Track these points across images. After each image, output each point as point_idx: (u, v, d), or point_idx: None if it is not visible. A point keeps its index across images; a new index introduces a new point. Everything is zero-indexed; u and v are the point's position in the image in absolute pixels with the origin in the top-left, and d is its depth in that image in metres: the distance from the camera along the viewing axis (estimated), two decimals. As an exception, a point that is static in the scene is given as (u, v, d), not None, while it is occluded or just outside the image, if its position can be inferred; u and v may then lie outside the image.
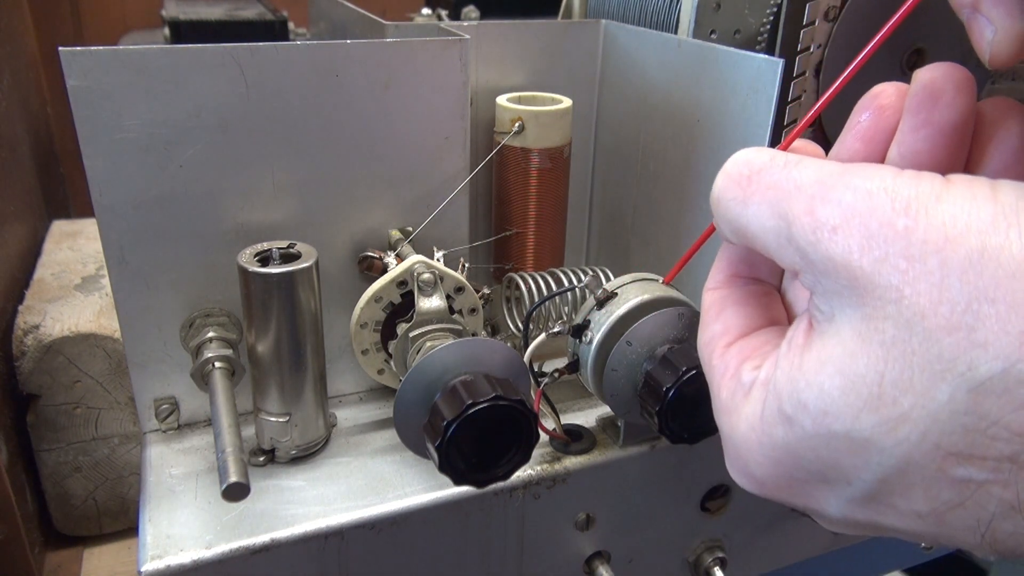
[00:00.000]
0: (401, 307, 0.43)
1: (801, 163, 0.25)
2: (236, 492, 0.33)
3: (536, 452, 0.38)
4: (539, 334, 0.41)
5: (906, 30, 0.41)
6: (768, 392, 0.25)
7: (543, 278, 0.47)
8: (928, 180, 0.22)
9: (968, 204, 0.21)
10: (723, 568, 0.49)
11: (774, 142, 0.40)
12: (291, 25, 0.94)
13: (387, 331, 0.43)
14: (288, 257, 0.39)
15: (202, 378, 0.41)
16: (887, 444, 0.21)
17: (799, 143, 0.29)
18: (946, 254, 0.20)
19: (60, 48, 0.35)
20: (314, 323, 0.40)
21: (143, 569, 0.35)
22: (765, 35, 0.47)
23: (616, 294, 0.40)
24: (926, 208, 0.21)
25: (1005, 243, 0.20)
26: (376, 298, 0.42)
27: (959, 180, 0.22)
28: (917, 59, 0.42)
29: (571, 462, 0.43)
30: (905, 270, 0.21)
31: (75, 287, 0.85)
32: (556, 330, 0.41)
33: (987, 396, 0.20)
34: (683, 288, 0.48)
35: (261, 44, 0.39)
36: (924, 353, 0.20)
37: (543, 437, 0.43)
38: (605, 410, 0.47)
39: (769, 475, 0.25)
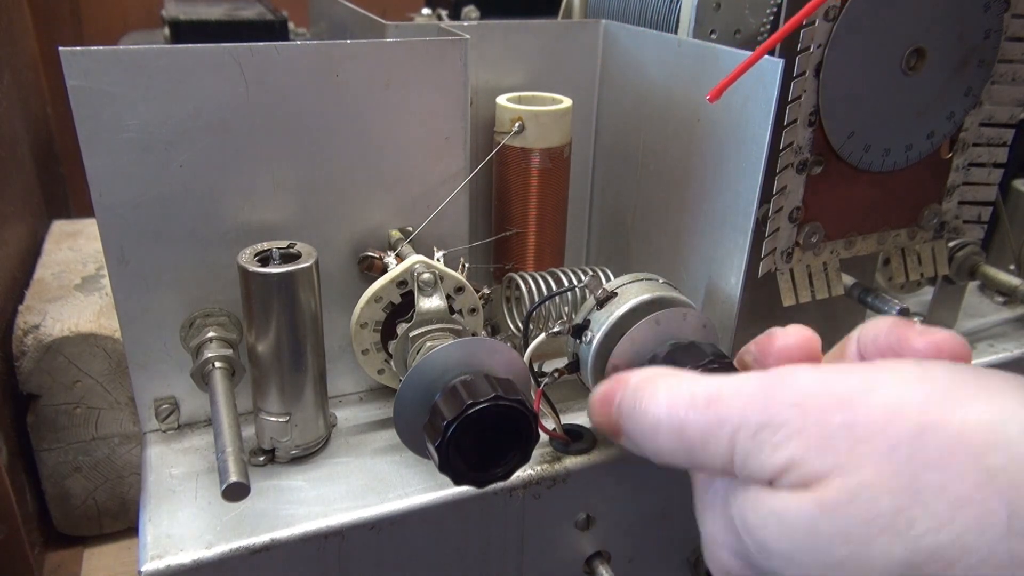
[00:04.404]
0: (401, 307, 0.43)
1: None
2: (236, 492, 0.33)
3: (536, 452, 0.38)
4: (539, 334, 0.41)
5: (906, 29, 0.41)
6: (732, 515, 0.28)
7: (543, 278, 0.47)
8: (857, 374, 0.25)
9: (904, 389, 0.24)
10: (723, 568, 0.49)
11: (774, 141, 0.40)
12: (291, 25, 0.94)
13: (387, 331, 0.43)
14: (288, 257, 0.39)
15: (202, 378, 0.41)
16: None
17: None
18: (889, 433, 0.23)
19: (60, 48, 0.35)
20: (314, 323, 0.40)
21: (143, 569, 0.35)
22: (765, 35, 0.47)
23: (616, 294, 0.40)
24: (864, 398, 0.24)
25: (941, 420, 0.22)
26: (376, 298, 0.42)
27: (888, 368, 0.25)
28: (917, 59, 0.42)
29: (571, 462, 0.43)
30: (849, 451, 0.23)
31: (75, 287, 0.85)
32: (556, 330, 0.41)
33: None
34: (683, 288, 0.48)
35: (261, 44, 0.39)
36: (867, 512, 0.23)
37: (543, 437, 0.43)
38: (605, 410, 0.47)
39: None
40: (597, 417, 0.32)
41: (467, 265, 0.45)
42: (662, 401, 0.28)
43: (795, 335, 0.31)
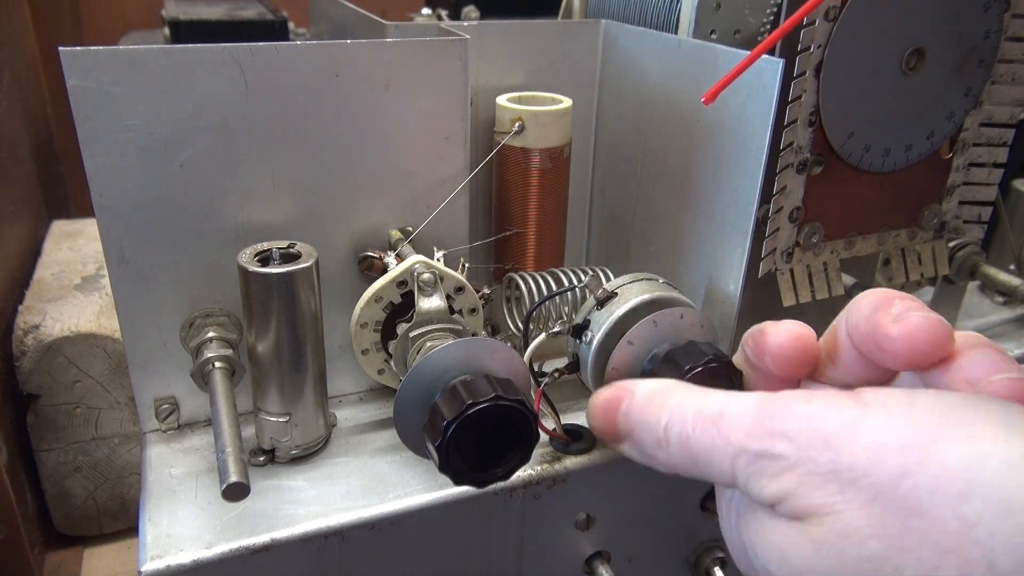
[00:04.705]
0: (401, 307, 0.43)
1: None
2: (236, 492, 0.33)
3: (536, 452, 0.38)
4: (539, 334, 0.41)
5: (906, 29, 0.41)
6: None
7: (543, 278, 0.47)
8: (846, 410, 0.25)
9: (887, 430, 0.24)
10: (723, 568, 0.49)
11: (774, 142, 0.40)
12: (291, 25, 0.94)
13: (387, 331, 0.43)
14: (288, 257, 0.39)
15: (202, 378, 0.41)
16: None
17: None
18: (873, 477, 0.23)
19: (60, 48, 0.35)
20: (314, 323, 0.40)
21: (143, 569, 0.35)
22: (765, 35, 0.47)
23: (616, 294, 0.40)
24: (848, 439, 0.24)
25: (920, 465, 0.23)
26: (376, 298, 0.42)
27: (874, 402, 0.25)
28: (917, 59, 0.42)
29: (571, 462, 0.43)
30: (838, 493, 0.24)
31: (75, 287, 0.85)
32: (556, 330, 0.41)
33: None
34: (683, 288, 0.48)
35: (261, 44, 0.39)
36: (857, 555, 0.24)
37: (543, 437, 0.43)
38: (605, 410, 0.47)
39: None
40: (598, 423, 0.33)
41: (467, 265, 0.45)
42: (673, 414, 0.29)
43: (787, 333, 0.31)
